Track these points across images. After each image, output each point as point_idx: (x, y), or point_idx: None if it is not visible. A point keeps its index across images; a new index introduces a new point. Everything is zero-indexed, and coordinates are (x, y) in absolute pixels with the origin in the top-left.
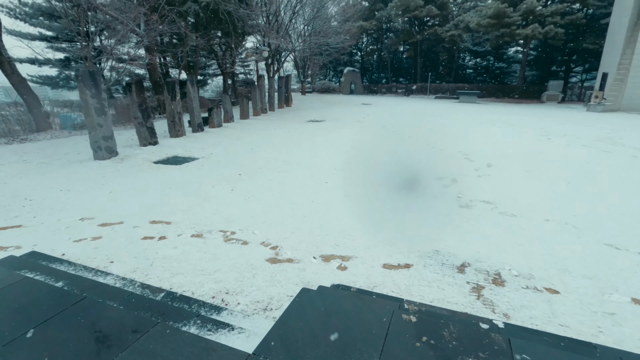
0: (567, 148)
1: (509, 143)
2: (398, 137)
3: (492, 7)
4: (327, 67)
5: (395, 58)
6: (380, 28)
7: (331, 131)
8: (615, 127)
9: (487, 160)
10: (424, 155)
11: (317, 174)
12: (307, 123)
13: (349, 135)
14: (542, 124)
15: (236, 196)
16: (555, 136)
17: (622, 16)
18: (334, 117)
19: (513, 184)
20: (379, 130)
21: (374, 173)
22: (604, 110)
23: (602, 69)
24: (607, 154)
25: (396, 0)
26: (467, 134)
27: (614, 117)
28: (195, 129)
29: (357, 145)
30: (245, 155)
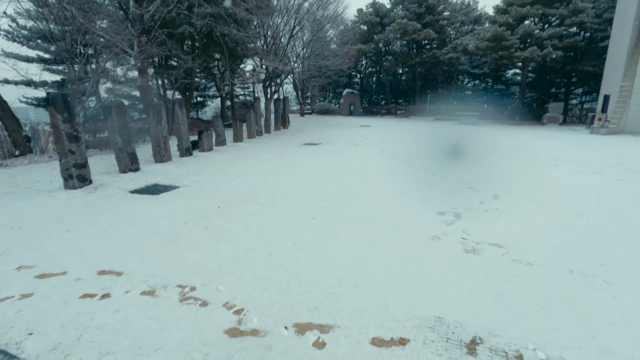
0: (578, 175)
1: (515, 170)
2: (396, 163)
3: (490, 30)
4: (327, 89)
5: (394, 80)
6: (379, 51)
7: (326, 156)
8: (624, 152)
9: (493, 191)
10: (423, 185)
11: (304, 207)
12: (302, 146)
13: (344, 161)
14: (547, 148)
15: (208, 236)
16: (564, 162)
17: (621, 39)
18: (331, 139)
19: (525, 221)
20: (375, 155)
21: (367, 206)
22: (607, 132)
23: (604, 91)
24: (623, 184)
25: (394, 25)
26: (470, 160)
27: (619, 140)
28: (183, 153)
29: (351, 172)
30: (229, 184)
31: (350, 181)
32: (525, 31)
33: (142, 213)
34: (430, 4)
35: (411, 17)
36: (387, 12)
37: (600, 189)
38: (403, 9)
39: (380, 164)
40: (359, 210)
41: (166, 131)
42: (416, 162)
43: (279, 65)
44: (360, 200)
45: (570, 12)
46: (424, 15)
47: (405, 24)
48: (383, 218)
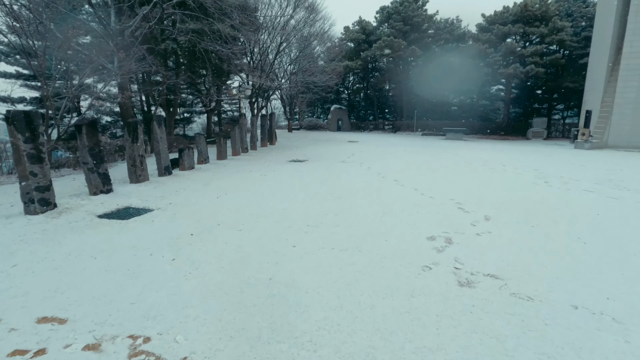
0: (569, 194)
1: (504, 188)
2: (383, 181)
3: (474, 47)
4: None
5: (382, 96)
6: (366, 67)
7: (311, 174)
8: (610, 167)
9: (484, 211)
10: (412, 205)
11: (285, 232)
12: (287, 164)
13: (330, 179)
14: (534, 164)
15: (174, 270)
16: (553, 179)
17: (600, 56)
18: (318, 156)
19: (520, 246)
20: (363, 172)
21: (352, 231)
22: (591, 147)
23: (585, 106)
24: (616, 202)
25: (380, 42)
26: (458, 176)
27: (604, 155)
28: (162, 172)
29: (337, 191)
30: (207, 206)
31: (335, 202)
32: (507, 49)
33: (105, 242)
34: (415, 22)
35: (397, 35)
36: (374, 30)
37: (594, 208)
38: (389, 27)
39: (366, 183)
40: (343, 236)
41: (143, 149)
42: (404, 180)
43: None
44: (345, 223)
45: (550, 30)
46: (409, 32)
47: (391, 41)
48: (369, 245)
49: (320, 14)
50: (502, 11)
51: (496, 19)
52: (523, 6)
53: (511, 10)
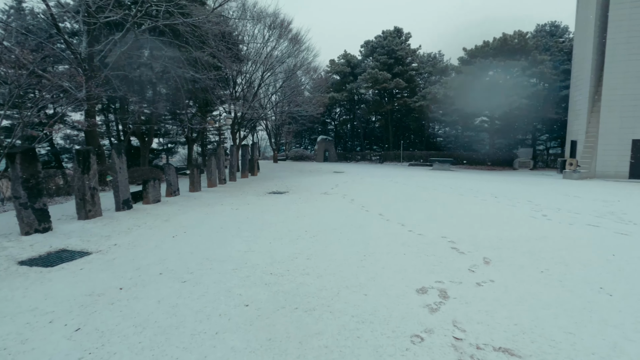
0: (573, 229)
1: (500, 222)
2: (367, 216)
3: (457, 79)
4: (303, 136)
5: (368, 127)
6: (352, 99)
7: (289, 207)
8: (607, 199)
9: (482, 252)
10: (398, 245)
11: (241, 283)
12: (265, 196)
13: (309, 214)
14: (527, 195)
15: (70, 349)
16: (550, 211)
17: (581, 88)
18: (300, 187)
19: (532, 301)
20: (345, 205)
21: (324, 282)
22: (579, 177)
23: (570, 136)
24: (627, 239)
25: (365, 74)
26: (449, 210)
27: (594, 185)
28: (120, 207)
29: (313, 228)
30: (158, 247)
31: (309, 241)
32: (490, 80)
33: (3, 302)
34: (399, 56)
35: (381, 68)
36: (359, 63)
37: (606, 246)
38: (373, 60)
39: (348, 218)
40: (312, 289)
41: (95, 181)
42: (390, 214)
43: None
44: (317, 270)
45: (530, 63)
46: (394, 65)
47: (376, 74)
48: (343, 301)
49: (304, 44)
50: (483, 45)
51: (477, 53)
52: (502, 40)
53: (491, 45)
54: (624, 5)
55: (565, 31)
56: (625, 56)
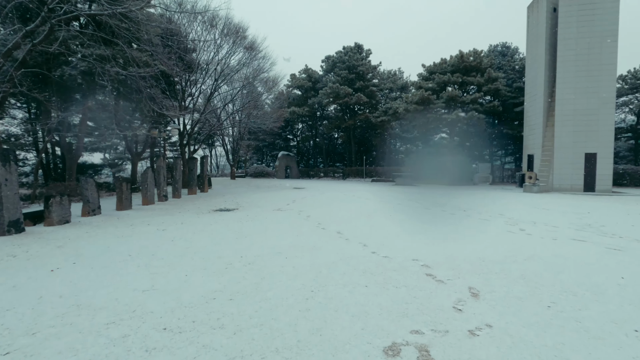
0: (559, 245)
1: (479, 239)
2: (323, 235)
3: (417, 94)
4: (264, 152)
5: (331, 143)
6: (314, 115)
7: (232, 226)
8: (577, 211)
9: (465, 279)
10: (359, 273)
11: (104, 352)
12: (209, 214)
13: (252, 233)
14: (497, 208)
15: None
16: (527, 225)
17: (535, 104)
18: (252, 204)
19: (551, 354)
20: (299, 223)
21: (248, 334)
22: (539, 190)
23: (526, 151)
24: (623, 255)
25: (326, 88)
26: (417, 225)
27: (556, 198)
28: (4, 230)
29: (254, 252)
30: (14, 289)
31: (240, 272)
32: (449, 96)
33: None
34: (360, 71)
35: (342, 82)
36: (320, 78)
37: (607, 266)
38: (335, 75)
39: (299, 237)
40: (232, 349)
41: None
42: (350, 232)
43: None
44: (236, 322)
45: (486, 80)
46: (355, 81)
47: (337, 88)
48: None
49: (260, 52)
50: (441, 62)
51: (436, 69)
52: (459, 57)
53: (449, 62)
54: (571, 25)
55: (516, 52)
56: (574, 73)
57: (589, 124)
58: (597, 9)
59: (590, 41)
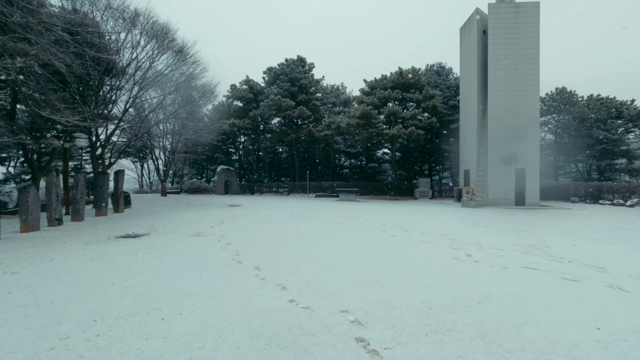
0: (511, 276)
1: (423, 271)
2: (235, 274)
3: (359, 109)
4: (204, 166)
5: (276, 157)
6: (257, 128)
7: (122, 261)
8: (516, 228)
9: (410, 347)
10: (261, 344)
11: None
12: (105, 243)
13: (146, 272)
14: (439, 227)
15: None
16: (472, 248)
17: (469, 121)
18: (170, 226)
19: None
20: (213, 254)
21: None
22: (476, 205)
23: (463, 166)
24: (580, 288)
25: (268, 100)
26: (353, 253)
27: (492, 213)
28: None
29: (129, 307)
30: None
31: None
32: (390, 111)
33: None
34: (303, 84)
35: (284, 95)
36: (262, 90)
37: (572, 308)
38: (277, 87)
39: (201, 280)
40: None
41: None
42: (270, 267)
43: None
44: None
45: (424, 97)
46: (297, 93)
47: (279, 100)
48: None
49: (190, 57)
50: (382, 78)
51: (377, 84)
52: (399, 74)
53: (390, 78)
54: (499, 47)
55: (450, 72)
56: (504, 92)
57: (518, 140)
58: (520, 33)
59: (516, 63)
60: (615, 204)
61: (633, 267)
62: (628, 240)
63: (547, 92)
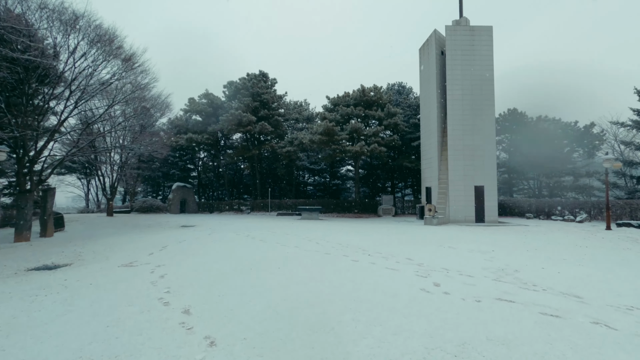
0: (486, 312)
1: (386, 311)
2: (152, 325)
3: (322, 125)
4: (160, 183)
5: (237, 174)
6: (217, 143)
7: (21, 306)
8: (480, 248)
9: None
10: None
11: None
12: (14, 276)
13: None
14: (403, 249)
15: None
16: (440, 275)
17: (430, 138)
18: (102, 254)
19: None
20: (137, 292)
21: None
22: (438, 223)
23: (425, 183)
24: (566, 329)
25: (227, 115)
26: (307, 287)
27: (454, 231)
28: None
29: None
30: None
31: None
32: (352, 128)
33: None
34: (265, 99)
35: (246, 110)
36: (222, 104)
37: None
38: (238, 102)
39: (112, 328)
40: None
41: None
42: (200, 312)
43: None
44: None
45: (386, 115)
46: (259, 109)
47: (240, 115)
48: None
49: (139, 66)
50: (344, 95)
51: (340, 101)
52: (361, 91)
53: (352, 95)
54: (456, 67)
55: (410, 91)
56: (462, 111)
57: (476, 158)
58: (475, 55)
59: (472, 83)
60: (567, 220)
61: (607, 294)
62: (591, 261)
63: (500, 113)
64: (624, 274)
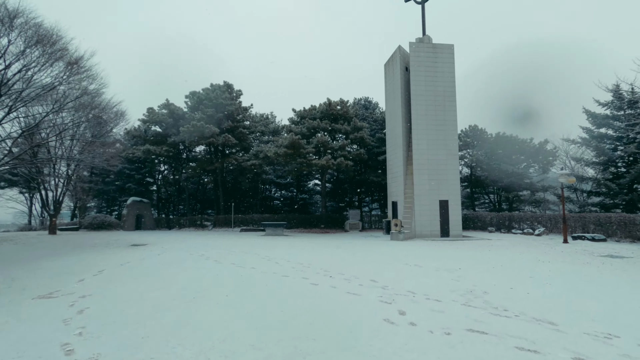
0: (456, 350)
1: (344, 348)
2: None
3: (288, 138)
4: (115, 197)
5: (200, 188)
6: (179, 156)
7: None
8: (447, 266)
9: None
10: None
11: None
12: None
13: None
14: (368, 269)
15: None
16: (406, 301)
17: (395, 153)
18: (21, 282)
19: None
20: (45, 334)
21: None
22: (405, 238)
23: (391, 198)
24: None
25: (188, 127)
26: (258, 319)
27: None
28: None
29: None
30: None
31: None
32: (319, 141)
33: None
34: (229, 111)
35: (208, 121)
36: (184, 115)
37: None
38: (201, 113)
39: None
40: None
41: None
42: (114, 357)
43: None
44: None
45: (352, 128)
46: (223, 120)
47: (202, 127)
48: None
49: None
50: (311, 108)
51: (306, 114)
52: (328, 105)
53: (318, 108)
54: (420, 83)
55: (376, 106)
56: (426, 126)
57: (440, 172)
58: (438, 71)
59: (435, 99)
60: (526, 233)
61: (581, 318)
62: (557, 277)
63: (461, 129)
64: (590, 292)
